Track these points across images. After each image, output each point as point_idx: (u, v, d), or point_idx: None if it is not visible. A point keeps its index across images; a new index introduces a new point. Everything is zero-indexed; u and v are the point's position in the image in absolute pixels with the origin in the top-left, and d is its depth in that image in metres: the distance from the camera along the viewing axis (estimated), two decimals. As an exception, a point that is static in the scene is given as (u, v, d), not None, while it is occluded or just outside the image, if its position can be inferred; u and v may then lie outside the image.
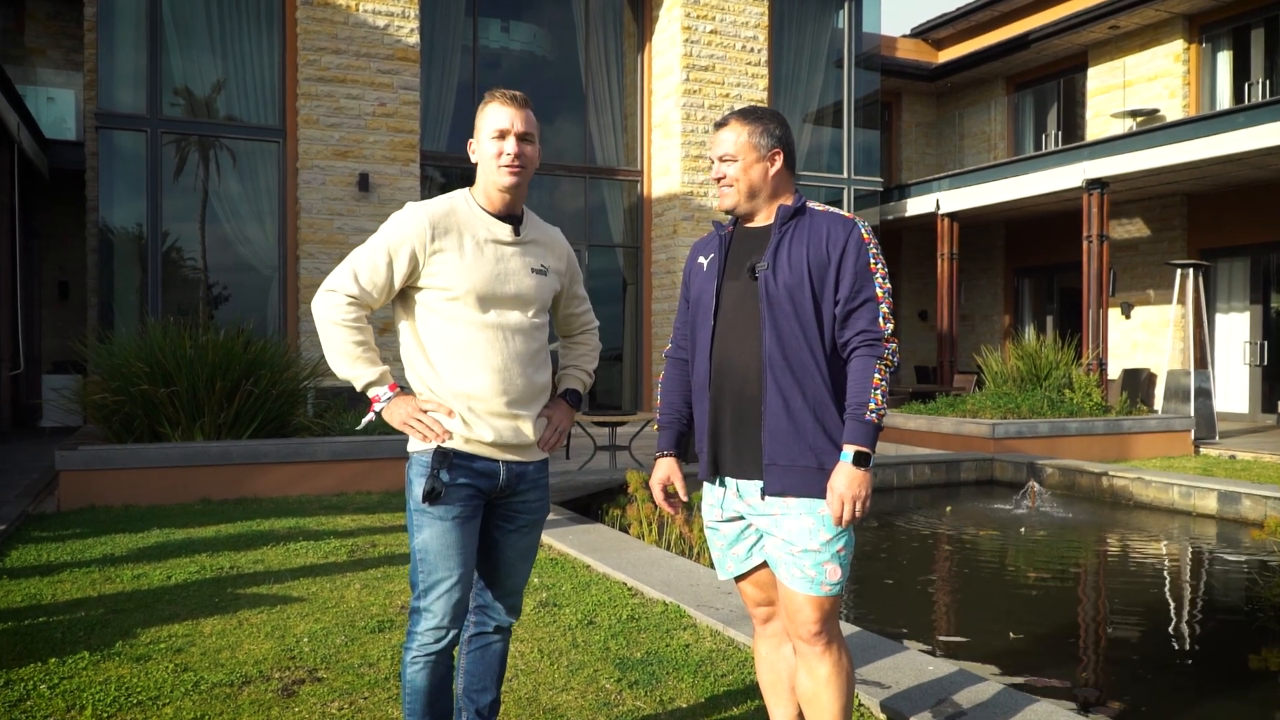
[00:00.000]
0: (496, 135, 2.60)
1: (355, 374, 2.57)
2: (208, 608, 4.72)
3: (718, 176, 2.70)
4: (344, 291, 2.54)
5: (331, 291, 2.56)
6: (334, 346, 2.56)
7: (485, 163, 2.63)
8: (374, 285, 2.55)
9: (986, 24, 21.02)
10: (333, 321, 2.54)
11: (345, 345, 2.55)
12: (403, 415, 2.55)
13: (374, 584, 5.19)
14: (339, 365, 2.58)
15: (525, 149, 2.64)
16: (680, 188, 14.99)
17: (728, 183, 2.68)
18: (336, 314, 2.54)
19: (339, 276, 2.57)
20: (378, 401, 2.58)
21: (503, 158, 2.60)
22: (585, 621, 4.47)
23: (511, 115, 2.62)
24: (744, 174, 2.66)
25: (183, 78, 12.85)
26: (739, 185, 2.67)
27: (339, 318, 2.54)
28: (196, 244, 12.92)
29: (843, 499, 2.45)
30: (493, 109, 2.63)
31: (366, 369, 2.57)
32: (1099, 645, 5.19)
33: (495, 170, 2.62)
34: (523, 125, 2.63)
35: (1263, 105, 12.47)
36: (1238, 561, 7.11)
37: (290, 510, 7.40)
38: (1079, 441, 11.55)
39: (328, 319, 2.55)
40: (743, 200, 2.68)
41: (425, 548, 2.53)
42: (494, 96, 2.65)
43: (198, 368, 8.10)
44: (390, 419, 2.57)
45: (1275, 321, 16.23)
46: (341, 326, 2.54)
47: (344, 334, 2.54)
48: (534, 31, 15.66)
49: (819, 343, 2.54)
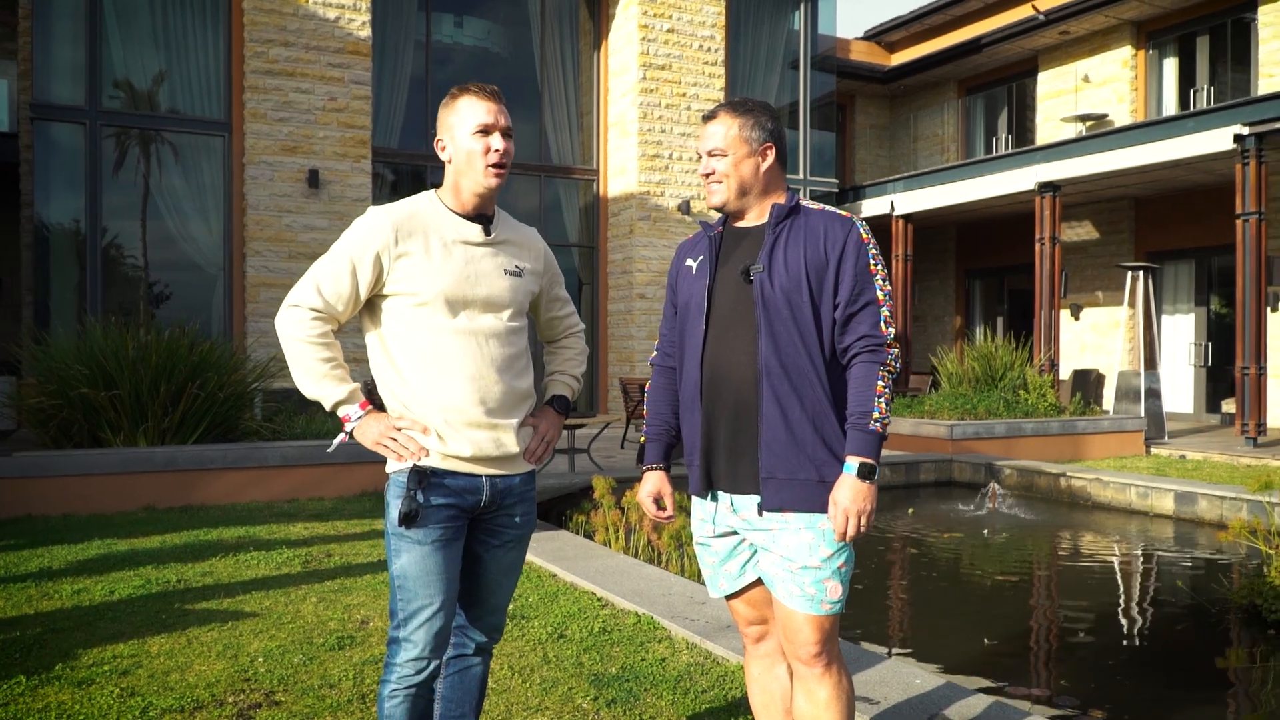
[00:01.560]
0: (479, 131, 2.43)
1: (323, 393, 2.39)
2: (154, 625, 4.48)
3: (706, 172, 2.54)
4: (307, 306, 2.37)
5: (294, 307, 2.38)
6: (300, 364, 2.38)
7: (466, 162, 2.44)
8: (338, 297, 2.38)
9: (939, 28, 21.16)
10: (297, 338, 2.37)
11: (311, 363, 2.37)
12: (375, 435, 2.38)
13: (331, 597, 4.97)
14: (306, 384, 2.39)
15: (509, 146, 2.49)
16: (637, 187, 14.85)
17: (717, 179, 2.53)
18: (300, 330, 2.36)
19: (301, 290, 2.39)
20: (348, 421, 2.40)
21: (490, 156, 2.43)
22: (556, 635, 4.31)
23: (494, 110, 2.45)
24: (734, 169, 2.51)
25: (124, 69, 12.45)
26: (729, 182, 2.52)
27: (303, 334, 2.36)
28: (138, 241, 12.52)
29: (846, 513, 2.32)
30: (469, 104, 2.44)
31: (335, 387, 2.39)
32: (1073, 650, 5.14)
33: (481, 171, 2.44)
34: (505, 120, 2.47)
35: (1211, 111, 12.64)
36: (1203, 562, 7.13)
37: (239, 518, 7.13)
38: (1034, 442, 11.60)
39: (292, 336, 2.37)
40: (733, 198, 2.53)
41: (404, 574, 2.35)
42: (467, 91, 2.46)
43: (141, 370, 7.79)
44: (362, 439, 2.40)
45: (1218, 323, 16.49)
46: (306, 343, 2.36)
47: (309, 351, 2.36)
48: (488, 27, 15.44)
49: (818, 349, 2.41)
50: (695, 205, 15.27)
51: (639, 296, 14.91)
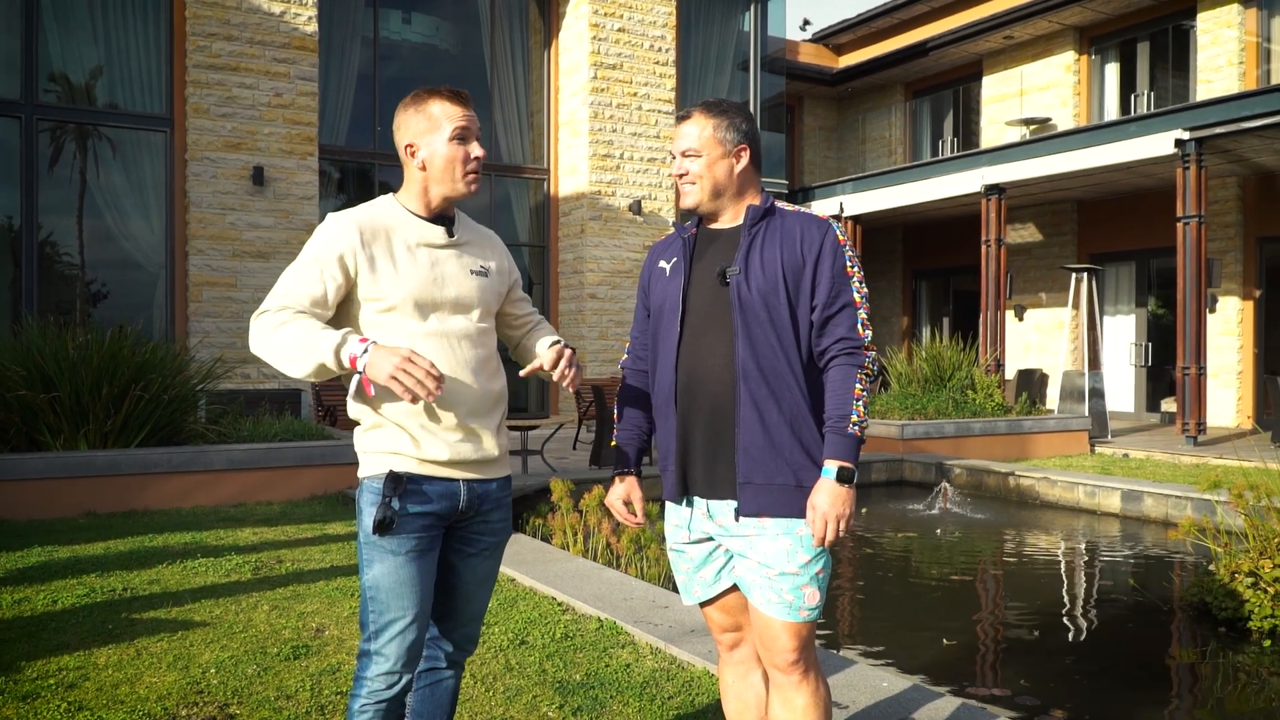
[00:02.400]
0: (457, 136, 2.36)
1: (320, 347, 2.16)
2: (101, 636, 4.33)
3: (680, 173, 2.50)
4: (276, 308, 2.24)
5: (261, 314, 2.25)
6: (286, 346, 2.19)
7: (442, 172, 2.36)
8: (310, 298, 2.25)
9: (886, 31, 21.37)
10: (273, 328, 2.21)
11: (295, 334, 2.18)
12: (388, 368, 2.12)
13: (284, 604, 4.85)
14: (301, 355, 2.18)
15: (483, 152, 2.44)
16: (588, 187, 14.78)
17: (690, 180, 2.49)
18: (273, 321, 2.22)
19: (267, 301, 2.27)
20: (356, 362, 2.16)
21: (469, 163, 2.37)
22: (517, 641, 4.24)
23: (469, 116, 2.39)
24: (708, 170, 2.47)
25: (60, 62, 12.11)
26: (703, 183, 2.48)
27: (277, 323, 2.22)
28: (75, 239, 12.20)
29: (825, 518, 2.29)
30: (445, 109, 2.36)
31: (327, 335, 2.18)
32: (1031, 649, 5.18)
33: (459, 180, 2.37)
34: (477, 125, 2.42)
35: (1153, 116, 12.90)
36: (1153, 560, 7.25)
37: (186, 523, 6.95)
38: (982, 441, 11.74)
39: (267, 333, 2.22)
40: (706, 199, 2.50)
41: (376, 585, 2.27)
42: (439, 95, 2.38)
43: (82, 371, 7.55)
44: (377, 374, 2.14)
45: (1157, 324, 16.85)
46: (283, 326, 2.21)
47: (289, 328, 2.20)
48: (436, 24, 15.28)
49: (795, 351, 2.38)
50: (646, 205, 15.25)
51: (590, 296, 14.84)
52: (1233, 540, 5.66)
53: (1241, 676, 4.76)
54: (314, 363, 2.17)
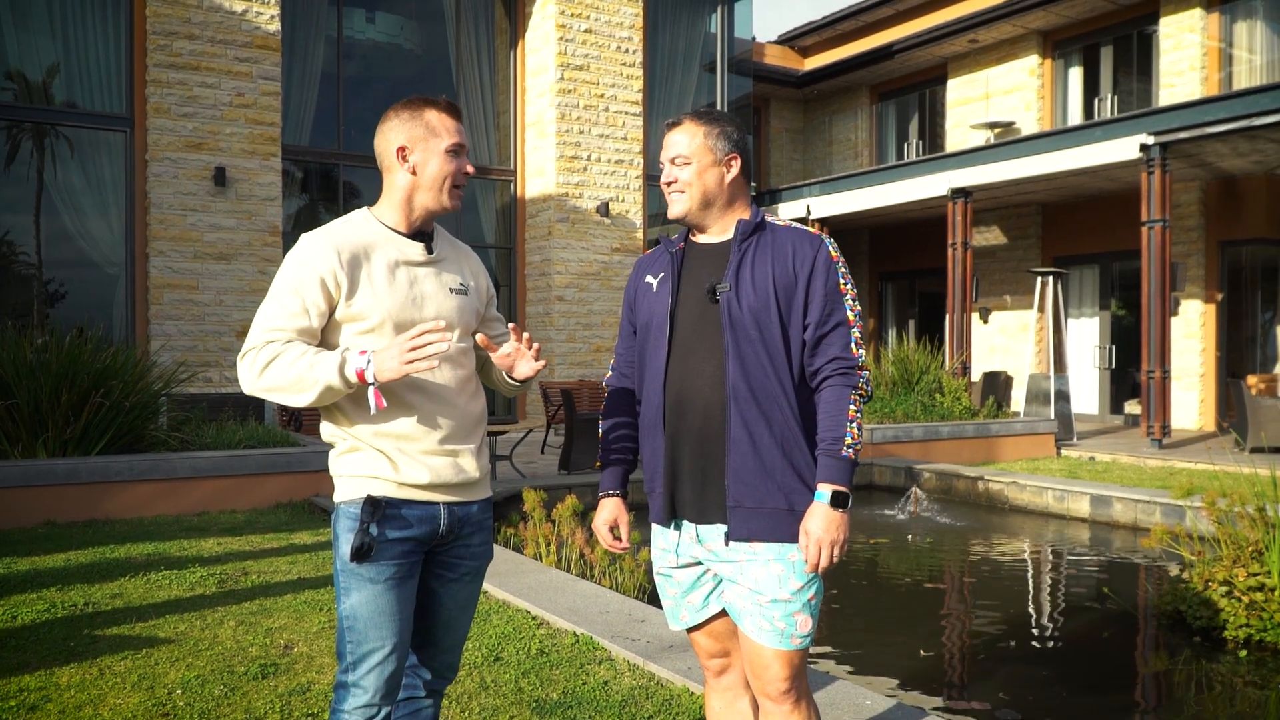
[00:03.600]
0: (453, 150, 2.30)
1: (322, 372, 2.10)
2: (63, 654, 4.19)
3: (668, 181, 2.44)
4: (264, 342, 2.15)
5: (248, 352, 2.16)
6: (285, 377, 2.11)
7: (431, 181, 2.30)
8: (294, 329, 2.16)
9: (851, 33, 21.43)
10: (264, 365, 2.13)
11: (292, 366, 2.10)
12: (396, 362, 2.08)
13: (250, 620, 4.74)
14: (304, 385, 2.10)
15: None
16: (555, 189, 14.69)
17: (679, 188, 2.42)
18: (263, 358, 2.13)
19: (251, 339, 2.17)
20: (363, 375, 2.10)
21: (458, 179, 2.32)
22: (491, 658, 4.16)
23: (462, 130, 2.34)
24: (698, 179, 2.41)
25: (17, 60, 11.84)
26: (691, 192, 2.41)
27: (267, 357, 2.13)
28: (32, 240, 11.94)
29: (819, 543, 2.24)
30: (444, 121, 2.30)
31: (326, 358, 2.11)
32: (1006, 659, 5.17)
33: (446, 192, 2.31)
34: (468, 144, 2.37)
35: (1119, 120, 13.01)
36: (1125, 567, 7.28)
37: (148, 533, 6.79)
38: (950, 445, 11.78)
39: (258, 369, 2.13)
40: (695, 209, 2.43)
41: (354, 614, 2.19)
42: (436, 105, 2.31)
43: (40, 378, 7.36)
44: (388, 373, 2.09)
45: (1120, 327, 17.02)
46: (276, 360, 2.12)
47: (282, 360, 2.11)
48: (401, 23, 15.10)
49: (787, 371, 2.32)
50: (614, 208, 15.18)
51: (558, 299, 14.75)
52: (1205, 547, 5.69)
53: (1218, 686, 4.77)
54: (319, 388, 2.10)
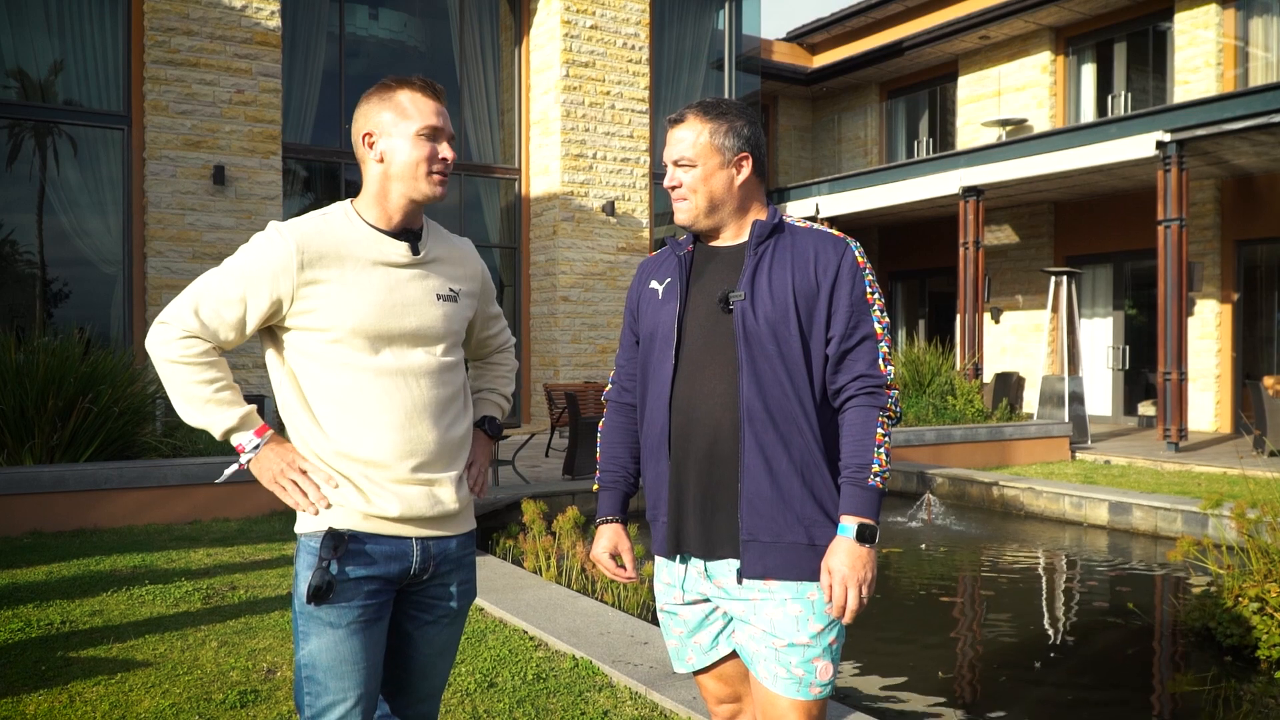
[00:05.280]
0: (426, 134, 2.06)
1: (210, 420, 1.99)
2: (33, 678, 3.96)
3: (672, 185, 2.19)
4: (179, 326, 1.97)
5: (163, 324, 1.98)
6: (178, 389, 1.98)
7: (403, 169, 2.06)
8: (220, 322, 1.98)
9: (861, 30, 21.16)
10: (168, 359, 1.97)
11: (190, 386, 1.97)
12: (273, 471, 1.99)
13: (234, 640, 4.51)
14: (187, 411, 1.99)
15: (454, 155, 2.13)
16: (560, 187, 14.45)
17: (683, 193, 2.17)
18: (172, 350, 1.96)
19: (176, 307, 1.99)
20: (243, 451, 2.01)
21: (434, 164, 2.07)
22: (485, 683, 3.92)
23: (441, 111, 2.10)
24: (703, 183, 2.16)
25: (15, 59, 11.63)
26: (697, 197, 2.16)
27: (175, 354, 1.96)
28: (33, 239, 11.73)
29: (845, 582, 1.99)
30: (412, 99, 2.07)
31: (222, 412, 1.99)
32: (1029, 678, 4.92)
33: (423, 179, 2.07)
34: (449, 123, 2.12)
35: (1135, 117, 12.72)
36: (1148, 579, 7.02)
37: (137, 543, 6.57)
38: (963, 449, 11.51)
39: (163, 356, 1.97)
40: (702, 215, 2.18)
41: (313, 662, 1.95)
42: (410, 85, 2.08)
43: (27, 382, 7.16)
44: (259, 474, 2.00)
45: (1134, 327, 16.73)
46: (182, 364, 1.96)
47: (186, 373, 1.97)
48: (404, 20, 14.89)
49: (808, 390, 2.07)
50: (620, 206, 14.93)
51: (563, 299, 14.51)
52: (1233, 559, 5.44)
53: (1250, 709, 4.52)
54: (199, 426, 2.02)
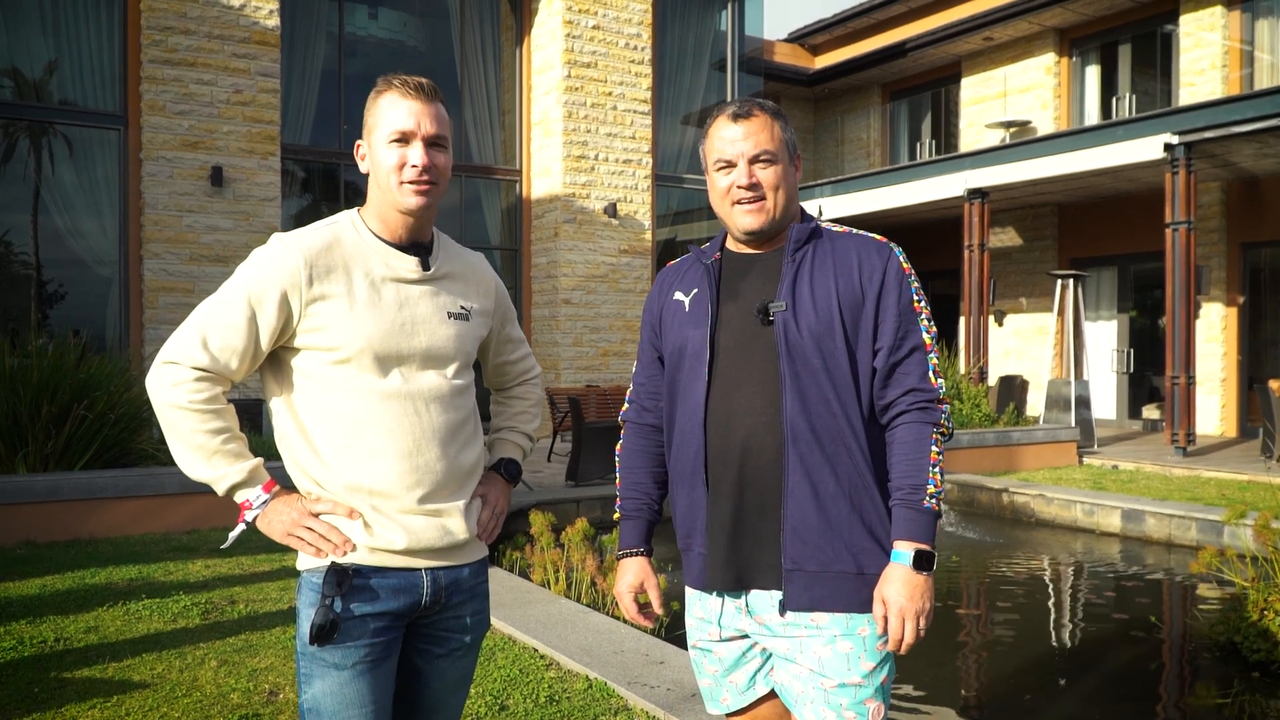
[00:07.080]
0: (397, 139, 1.90)
1: (213, 474, 1.83)
2: (24, 701, 3.81)
3: (747, 184, 1.97)
4: (189, 364, 1.80)
5: (171, 365, 1.81)
6: (182, 439, 1.81)
7: (381, 177, 1.92)
8: (231, 351, 1.82)
9: (863, 31, 21.02)
10: (174, 405, 1.80)
11: (196, 436, 1.80)
12: (285, 524, 1.84)
13: (234, 658, 4.36)
14: (191, 461, 1.82)
15: (437, 158, 1.94)
16: (562, 189, 14.30)
17: (760, 194, 1.98)
18: (179, 395, 1.79)
19: (182, 343, 1.82)
20: (248, 509, 1.85)
21: (405, 171, 1.90)
22: (496, 706, 3.77)
23: (417, 112, 1.91)
24: (784, 180, 2.00)
25: (10, 58, 11.47)
26: (777, 197, 1.99)
27: (183, 399, 1.79)
28: (28, 241, 11.56)
29: (902, 614, 1.84)
30: (390, 102, 1.91)
31: (228, 465, 1.83)
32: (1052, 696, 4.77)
33: (395, 189, 1.91)
34: (432, 125, 1.92)
35: (1141, 119, 12.59)
36: (1167, 589, 6.88)
37: (134, 554, 6.41)
38: (971, 454, 11.36)
39: (169, 401, 1.80)
40: (778, 217, 2.01)
41: (317, 707, 1.81)
42: (390, 85, 1.93)
43: (20, 389, 7.00)
44: (269, 531, 1.85)
45: (1138, 330, 16.61)
46: (190, 411, 1.80)
47: (192, 421, 1.80)
48: (404, 19, 14.74)
49: (855, 407, 1.93)
50: (622, 208, 14.78)
51: (564, 302, 14.36)
52: (1255, 569, 5.30)
53: (1284, 728, 4.38)
54: (201, 480, 1.85)
